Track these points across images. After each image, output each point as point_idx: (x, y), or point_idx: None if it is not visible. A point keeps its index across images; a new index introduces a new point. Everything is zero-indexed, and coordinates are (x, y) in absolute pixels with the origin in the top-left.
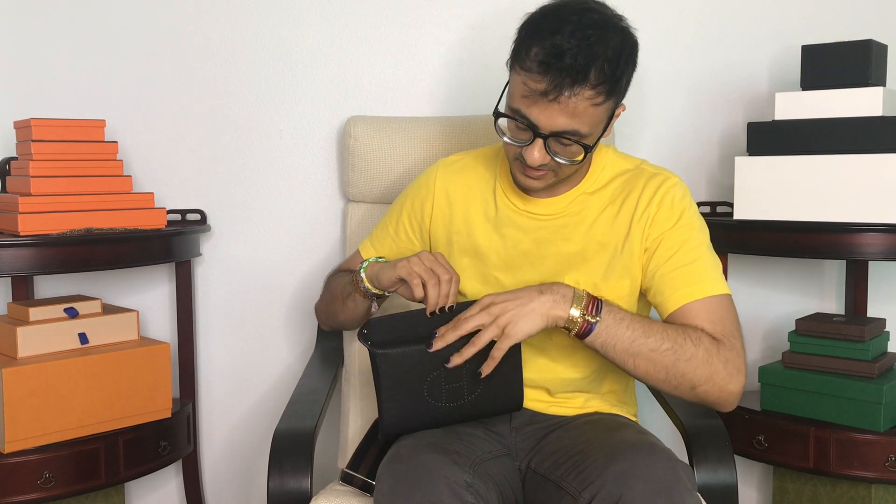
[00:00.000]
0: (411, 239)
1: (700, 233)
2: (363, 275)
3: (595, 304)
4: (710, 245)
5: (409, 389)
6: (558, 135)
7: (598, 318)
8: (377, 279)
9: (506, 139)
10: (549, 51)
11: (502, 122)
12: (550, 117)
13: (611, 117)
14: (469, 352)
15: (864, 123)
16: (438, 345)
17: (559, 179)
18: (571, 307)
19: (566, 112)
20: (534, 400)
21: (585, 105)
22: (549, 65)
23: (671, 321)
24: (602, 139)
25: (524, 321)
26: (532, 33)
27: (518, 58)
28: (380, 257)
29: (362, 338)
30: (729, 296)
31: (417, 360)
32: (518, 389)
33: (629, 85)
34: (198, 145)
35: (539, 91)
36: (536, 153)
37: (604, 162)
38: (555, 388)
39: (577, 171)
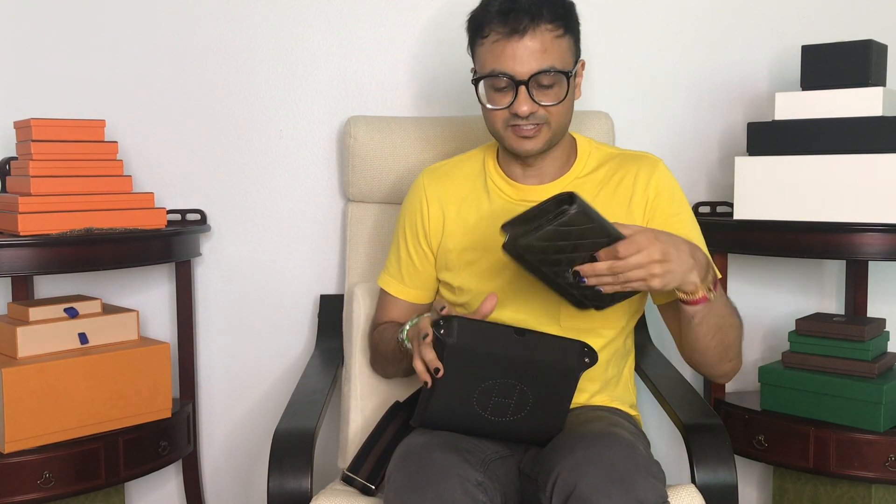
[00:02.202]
0: (426, 254)
1: (691, 216)
2: (404, 337)
3: (716, 282)
4: (696, 221)
5: (463, 389)
6: (537, 75)
7: (713, 295)
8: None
9: (489, 106)
10: (504, 1)
11: (483, 93)
12: (523, 61)
13: (575, 62)
14: (606, 281)
15: (864, 123)
16: (588, 273)
17: (553, 135)
18: (706, 275)
19: (535, 51)
20: None
21: (549, 38)
22: (508, 10)
23: (664, 310)
24: (576, 99)
25: (673, 278)
26: (484, 4)
27: (478, 27)
28: (415, 319)
29: (436, 326)
30: (719, 278)
31: (483, 363)
32: (558, 424)
33: (580, 39)
34: (198, 145)
35: (505, 33)
36: (524, 103)
37: (588, 148)
38: None
39: (565, 125)
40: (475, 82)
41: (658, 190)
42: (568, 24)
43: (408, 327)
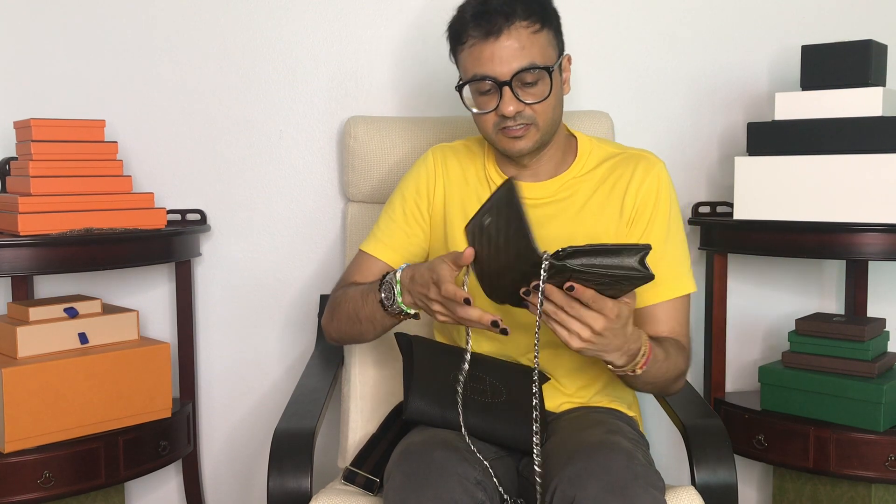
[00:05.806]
0: (419, 222)
1: (677, 223)
2: (399, 300)
3: (646, 362)
4: (684, 232)
5: (438, 377)
6: (519, 74)
7: (642, 370)
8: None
9: (476, 111)
10: (477, 6)
11: (468, 97)
12: (503, 61)
13: (558, 55)
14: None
15: (864, 123)
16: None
17: (542, 133)
18: (630, 363)
19: (514, 50)
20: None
21: (526, 35)
22: (482, 14)
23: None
24: (564, 94)
25: (593, 353)
26: (460, 11)
27: (456, 34)
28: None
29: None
30: (689, 294)
31: (449, 353)
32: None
33: (561, 31)
34: (198, 145)
35: (481, 36)
36: (509, 103)
37: (589, 147)
38: (558, 374)
39: (555, 121)
40: (459, 88)
41: (647, 194)
42: (544, 18)
43: (399, 276)
